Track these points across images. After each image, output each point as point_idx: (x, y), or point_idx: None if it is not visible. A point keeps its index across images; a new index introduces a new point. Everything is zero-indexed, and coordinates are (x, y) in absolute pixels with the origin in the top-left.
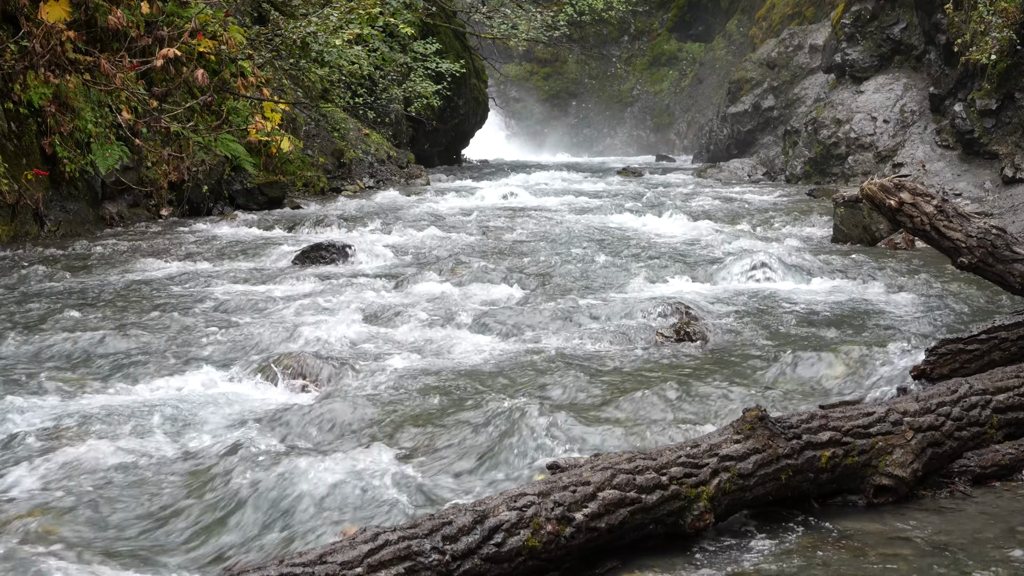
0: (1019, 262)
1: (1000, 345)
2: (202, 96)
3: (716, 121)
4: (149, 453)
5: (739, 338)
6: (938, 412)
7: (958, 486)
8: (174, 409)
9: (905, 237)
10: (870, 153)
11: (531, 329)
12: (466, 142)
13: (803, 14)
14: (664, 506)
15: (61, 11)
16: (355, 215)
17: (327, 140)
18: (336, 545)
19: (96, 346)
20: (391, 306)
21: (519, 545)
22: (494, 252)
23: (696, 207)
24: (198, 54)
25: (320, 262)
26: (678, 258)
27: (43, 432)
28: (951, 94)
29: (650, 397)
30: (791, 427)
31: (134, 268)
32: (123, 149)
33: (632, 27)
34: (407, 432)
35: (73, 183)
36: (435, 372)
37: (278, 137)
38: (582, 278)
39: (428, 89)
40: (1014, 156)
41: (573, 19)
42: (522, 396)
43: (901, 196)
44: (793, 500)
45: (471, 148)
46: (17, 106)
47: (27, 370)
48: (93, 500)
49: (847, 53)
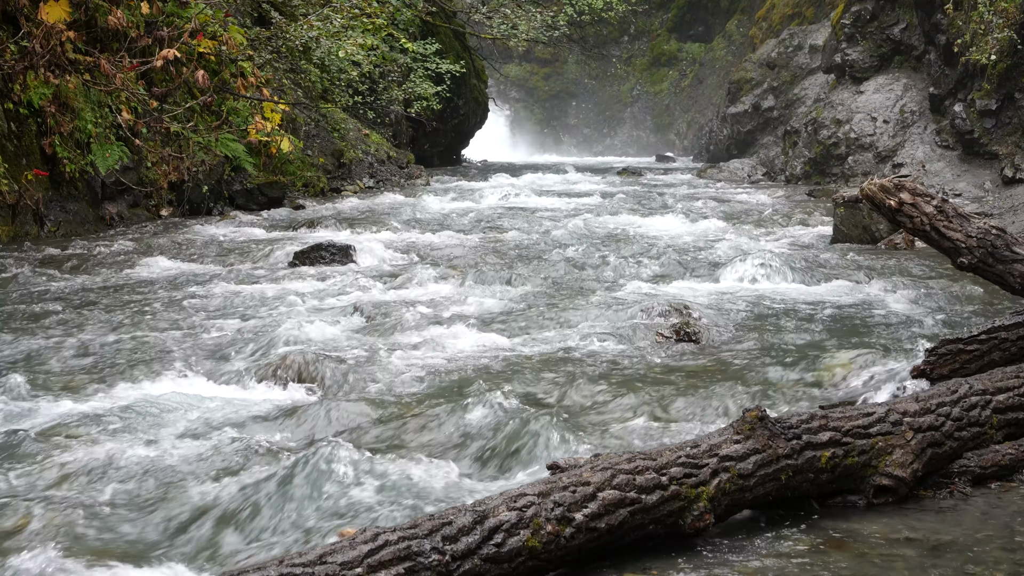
0: (1019, 262)
1: (1000, 345)
2: (202, 96)
3: (716, 121)
4: (149, 453)
5: (739, 338)
6: (938, 412)
7: (958, 486)
8: (174, 409)
9: (905, 237)
10: (870, 153)
11: (531, 329)
12: (466, 142)
13: (803, 14)
14: (664, 506)
15: (61, 11)
16: (355, 215)
17: (327, 140)
18: (336, 545)
19: (96, 346)
20: (391, 306)
21: (519, 545)
22: (494, 252)
23: (696, 207)
24: (198, 54)
25: (320, 262)
26: (678, 258)
27: (42, 432)
28: (951, 94)
29: (650, 397)
30: (791, 427)
31: (134, 268)
32: (123, 149)
33: (632, 27)
34: (407, 431)
35: (73, 183)
36: (435, 372)
37: (278, 137)
38: (582, 278)
39: (428, 90)
40: (1014, 156)
41: (573, 19)
42: (522, 396)
43: (901, 196)
44: (793, 500)
45: (471, 148)
46: (17, 106)
47: (27, 370)
48: (93, 500)
49: (847, 53)
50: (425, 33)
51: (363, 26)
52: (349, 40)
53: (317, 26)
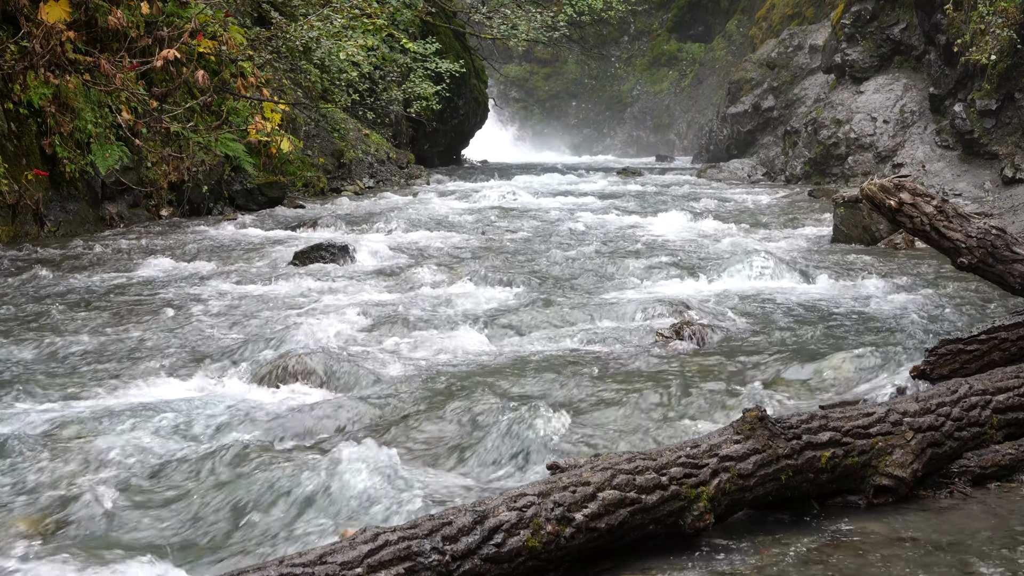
0: (1019, 262)
1: (1000, 345)
2: (202, 96)
3: (716, 121)
4: (148, 453)
5: (739, 338)
6: (938, 412)
7: (958, 486)
8: (174, 409)
9: (905, 237)
10: (870, 153)
11: (531, 329)
12: (466, 142)
13: (803, 14)
14: (664, 506)
15: (61, 11)
16: (355, 215)
17: (327, 140)
18: (336, 545)
19: (96, 346)
20: (391, 306)
21: (519, 545)
22: (494, 252)
23: (696, 207)
24: (198, 54)
25: (320, 262)
26: (678, 258)
27: (42, 433)
28: (951, 94)
29: (650, 397)
30: (791, 427)
31: (134, 268)
32: (123, 149)
33: (632, 27)
34: (408, 431)
35: (73, 183)
36: (435, 371)
37: (278, 137)
38: (582, 278)
39: (428, 90)
40: (1014, 156)
41: (573, 19)
42: (522, 396)
43: (901, 196)
44: (793, 500)
45: (471, 149)
46: (17, 106)
47: (27, 370)
48: (92, 500)
49: (847, 53)
50: (425, 33)
51: (363, 26)
52: (349, 40)
53: (317, 26)
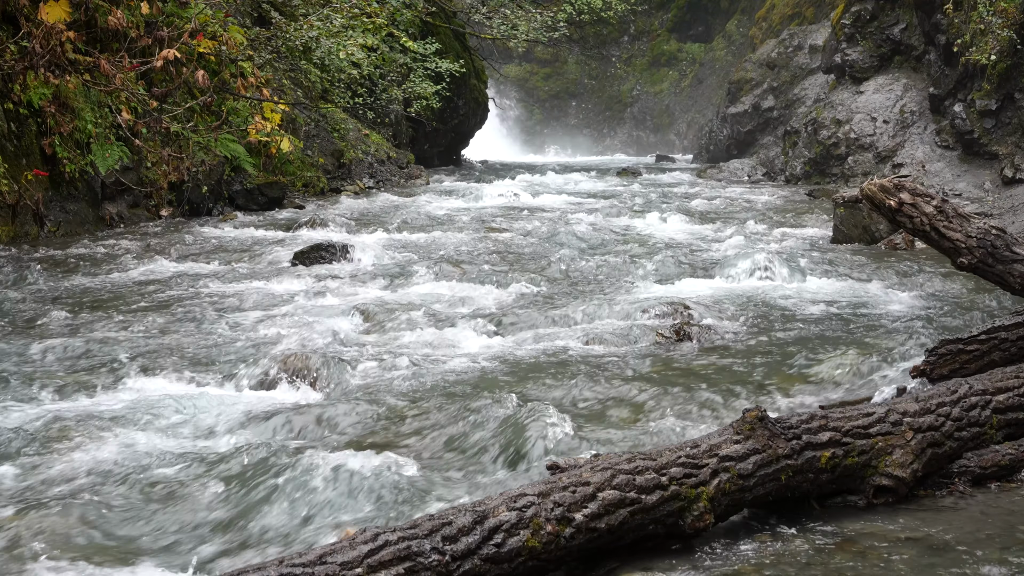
0: (1019, 262)
1: (1000, 345)
2: (202, 96)
3: (716, 121)
4: (147, 453)
5: (739, 338)
6: (938, 412)
7: (958, 486)
8: (175, 409)
9: (905, 237)
10: (870, 153)
11: (531, 329)
12: (466, 143)
13: (803, 14)
14: (664, 506)
15: (61, 11)
16: (355, 215)
17: (327, 140)
18: (336, 545)
19: (96, 347)
20: (391, 306)
21: (519, 545)
22: (494, 252)
23: (696, 207)
24: (198, 54)
25: (320, 262)
26: (678, 258)
27: (41, 433)
28: (951, 94)
29: (650, 397)
30: (791, 427)
31: (134, 269)
32: (123, 149)
33: (632, 27)
34: (408, 431)
35: (73, 183)
36: (435, 371)
37: (278, 137)
38: (582, 278)
39: (428, 90)
40: (1014, 156)
41: (572, 18)
42: (522, 396)
43: (901, 196)
44: (793, 500)
45: (471, 149)
46: (17, 106)
47: (27, 371)
48: (92, 500)
49: (847, 53)
50: (425, 33)
51: (363, 26)
52: (349, 40)
53: (317, 26)
